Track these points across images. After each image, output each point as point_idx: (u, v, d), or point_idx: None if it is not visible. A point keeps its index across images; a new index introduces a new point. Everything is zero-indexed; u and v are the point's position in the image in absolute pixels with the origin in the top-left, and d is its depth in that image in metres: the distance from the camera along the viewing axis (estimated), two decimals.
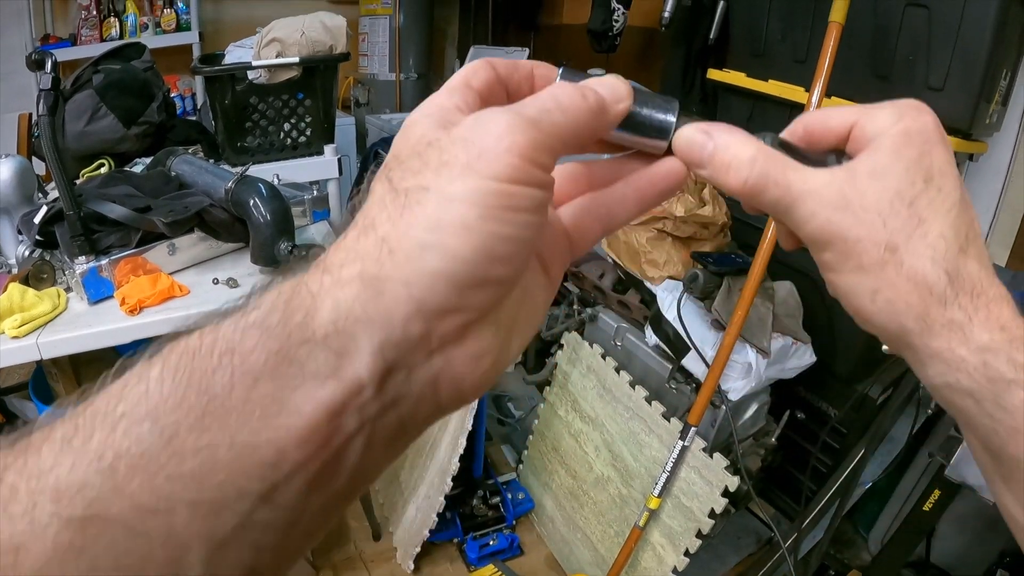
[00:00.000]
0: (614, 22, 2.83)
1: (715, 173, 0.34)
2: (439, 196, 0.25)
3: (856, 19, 1.47)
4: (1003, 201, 1.79)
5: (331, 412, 0.24)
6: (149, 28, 3.59)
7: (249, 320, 0.25)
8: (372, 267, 0.25)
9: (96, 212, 1.38)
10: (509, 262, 0.26)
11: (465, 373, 0.27)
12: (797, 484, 1.88)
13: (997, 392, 0.31)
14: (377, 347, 0.24)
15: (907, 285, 0.33)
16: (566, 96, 0.29)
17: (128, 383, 0.24)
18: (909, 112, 0.34)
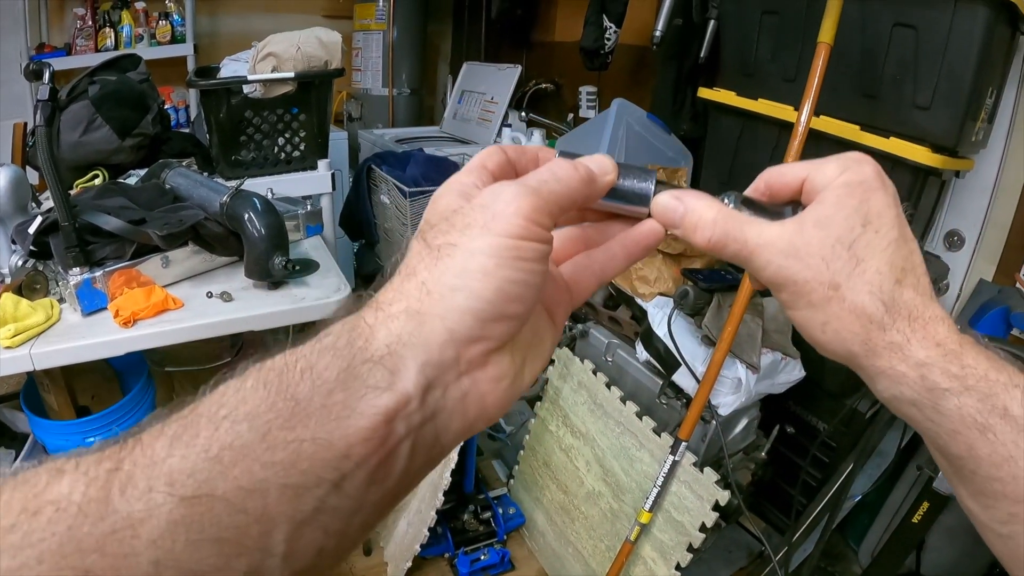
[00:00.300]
0: (606, 40, 2.86)
1: (685, 232, 0.42)
2: (464, 250, 0.32)
3: (844, 39, 1.50)
4: (989, 217, 1.81)
5: (387, 417, 0.30)
6: (144, 39, 3.60)
7: (323, 344, 0.31)
8: (415, 304, 0.32)
9: (91, 223, 1.38)
10: (520, 301, 0.33)
11: (487, 392, 0.34)
12: (787, 498, 1.89)
13: (935, 400, 0.37)
14: (420, 366, 0.31)
15: (850, 316, 0.39)
16: (561, 169, 0.37)
17: (226, 393, 0.29)
18: (851, 165, 0.40)
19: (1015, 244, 1.79)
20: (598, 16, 2.84)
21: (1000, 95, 1.69)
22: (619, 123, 2.14)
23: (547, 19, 3.80)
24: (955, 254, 1.90)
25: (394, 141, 3.22)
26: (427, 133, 3.68)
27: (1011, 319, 1.61)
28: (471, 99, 3.59)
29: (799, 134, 1.42)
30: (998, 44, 1.51)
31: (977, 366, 0.37)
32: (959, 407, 0.36)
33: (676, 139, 2.32)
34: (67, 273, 1.36)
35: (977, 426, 0.36)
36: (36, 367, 1.29)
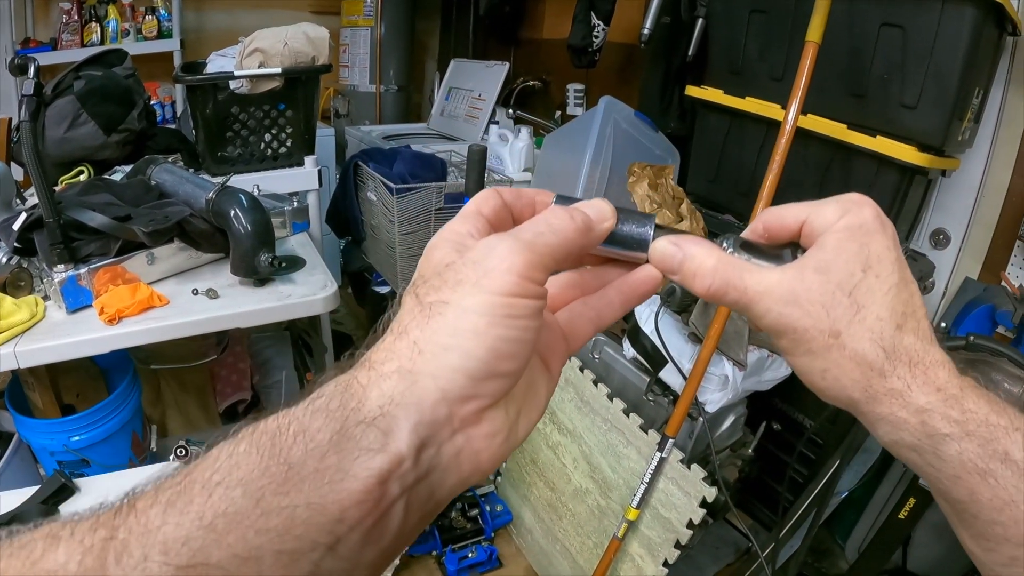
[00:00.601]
0: (594, 38, 2.86)
1: (684, 279, 0.41)
2: (456, 308, 0.32)
3: (832, 38, 1.50)
4: (975, 216, 1.83)
5: (381, 478, 0.29)
6: (130, 34, 3.57)
7: (315, 406, 0.31)
8: (407, 363, 0.32)
9: (76, 220, 1.37)
10: (513, 359, 0.33)
11: (481, 448, 0.34)
12: (774, 494, 1.90)
13: (935, 446, 0.37)
14: (413, 426, 0.31)
15: (850, 364, 0.38)
16: (557, 219, 0.37)
17: (219, 457, 0.29)
18: (851, 207, 0.40)
19: (1000, 243, 1.80)
20: (586, 14, 2.84)
21: (987, 95, 1.71)
22: (607, 121, 2.14)
23: (535, 16, 3.80)
24: (941, 252, 1.91)
25: (381, 138, 3.21)
26: (414, 130, 3.67)
27: (996, 317, 1.63)
28: (459, 96, 3.58)
29: (786, 132, 1.43)
30: (985, 44, 1.52)
31: (978, 410, 0.36)
32: (960, 452, 0.36)
33: (664, 137, 2.32)
34: (52, 270, 1.35)
35: (978, 471, 0.35)
36: (21, 365, 1.28)
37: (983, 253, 1.84)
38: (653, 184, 1.95)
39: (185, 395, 2.21)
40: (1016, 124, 1.74)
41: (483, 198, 0.40)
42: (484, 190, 0.41)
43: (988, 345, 1.19)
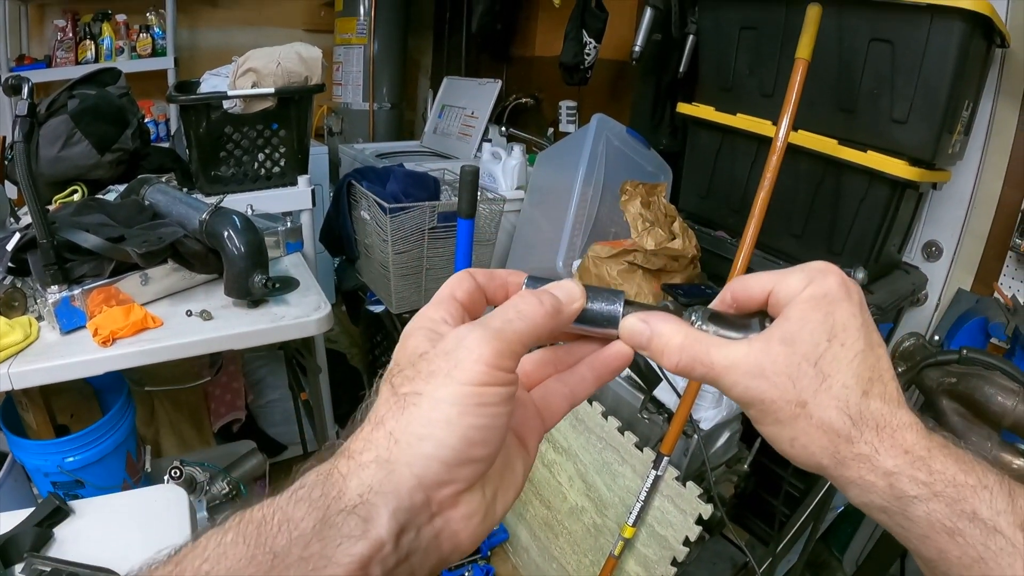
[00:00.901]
0: (586, 55, 2.88)
1: (652, 355, 0.42)
2: (429, 399, 0.34)
3: (822, 55, 1.52)
4: (966, 228, 1.84)
5: (363, 563, 0.31)
6: (125, 52, 3.59)
7: (298, 495, 0.32)
8: (384, 453, 0.33)
9: (69, 241, 1.37)
10: (485, 444, 0.34)
11: (460, 529, 0.36)
12: (771, 509, 1.90)
13: (903, 507, 0.37)
14: (391, 512, 0.32)
15: (817, 432, 0.39)
16: (526, 305, 0.38)
17: (208, 546, 0.31)
18: (816, 276, 0.41)
19: (992, 254, 1.82)
20: (578, 31, 2.86)
21: (976, 107, 1.73)
22: (599, 138, 2.16)
23: (527, 34, 3.82)
24: (933, 265, 1.92)
25: (374, 156, 3.22)
26: (407, 148, 3.68)
27: (989, 329, 1.64)
28: (451, 114, 3.60)
29: (777, 149, 1.44)
30: (973, 57, 1.54)
31: (945, 471, 0.37)
32: (928, 513, 0.36)
33: (655, 154, 2.34)
34: (45, 291, 1.35)
35: (946, 530, 0.36)
36: (14, 386, 1.27)
37: (975, 264, 1.86)
38: (645, 202, 1.96)
39: (179, 415, 2.20)
40: (1006, 135, 1.76)
41: (456, 282, 0.42)
42: (457, 274, 0.43)
43: (981, 358, 1.19)
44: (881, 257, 1.75)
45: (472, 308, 0.42)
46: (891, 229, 1.69)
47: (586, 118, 2.40)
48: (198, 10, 3.97)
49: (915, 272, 1.92)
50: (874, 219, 1.67)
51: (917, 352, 1.31)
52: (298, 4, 4.28)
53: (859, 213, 1.69)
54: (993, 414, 1.14)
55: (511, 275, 0.44)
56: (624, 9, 2.95)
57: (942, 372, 1.21)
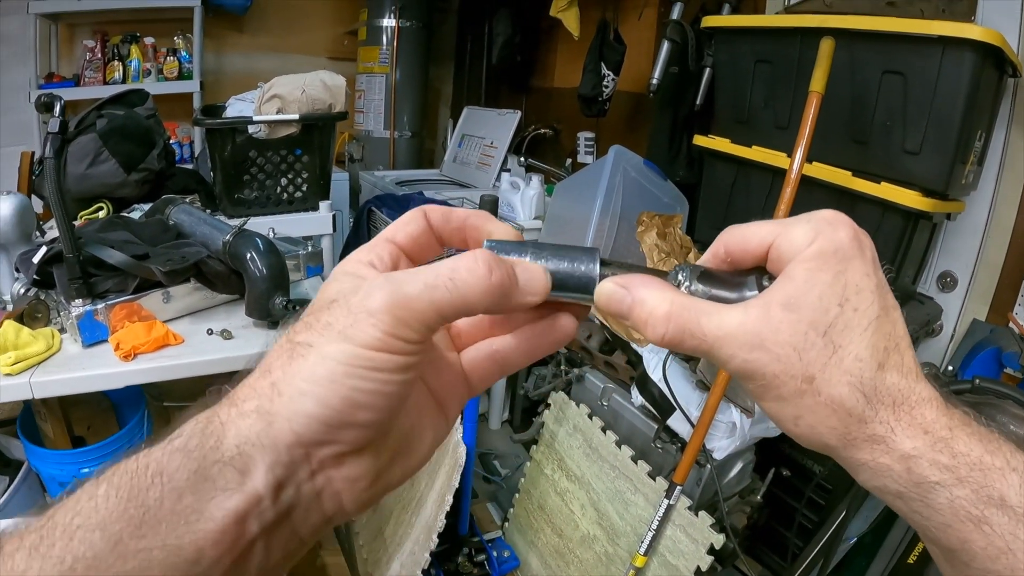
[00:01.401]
0: (604, 87, 2.92)
1: (635, 325, 0.37)
2: (317, 353, 0.31)
3: (835, 87, 1.53)
4: (981, 257, 1.84)
5: (238, 518, 0.30)
6: (152, 74, 3.67)
7: (174, 445, 0.30)
8: (265, 404, 0.31)
9: (95, 256, 1.39)
10: (372, 410, 0.32)
11: (343, 491, 0.34)
12: (783, 541, 1.88)
13: (923, 494, 0.33)
14: (269, 466, 0.31)
15: (826, 410, 0.34)
16: (468, 273, 0.33)
17: (80, 499, 0.29)
18: (824, 229, 0.35)
19: (1007, 283, 1.82)
20: (596, 64, 2.91)
21: (989, 137, 1.74)
22: (616, 169, 2.18)
23: (546, 65, 3.88)
24: (948, 295, 1.92)
25: (394, 183, 3.26)
26: (427, 176, 3.73)
27: (1003, 358, 1.63)
28: (471, 143, 3.64)
29: (792, 181, 1.45)
30: (985, 87, 1.55)
31: (970, 452, 0.33)
32: (951, 500, 0.33)
33: (672, 185, 2.36)
34: (69, 304, 1.37)
35: (972, 519, 0.32)
36: (35, 396, 1.29)
37: (990, 294, 1.85)
38: (661, 233, 1.98)
39: None
40: (1019, 165, 1.77)
41: (403, 222, 0.38)
42: (410, 211, 0.39)
43: (994, 388, 1.19)
44: (895, 287, 1.73)
45: (416, 253, 0.38)
46: (905, 260, 1.70)
47: (604, 149, 2.43)
48: (224, 35, 4.08)
49: (930, 303, 1.92)
50: (888, 250, 1.68)
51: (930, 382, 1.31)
52: (322, 32, 4.38)
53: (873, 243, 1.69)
54: None
55: (472, 216, 0.39)
56: (642, 42, 3.00)
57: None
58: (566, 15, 2.97)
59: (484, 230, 0.39)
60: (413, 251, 0.38)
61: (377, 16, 3.97)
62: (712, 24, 2.04)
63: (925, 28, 1.48)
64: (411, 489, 2.07)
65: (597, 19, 2.99)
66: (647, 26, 3.00)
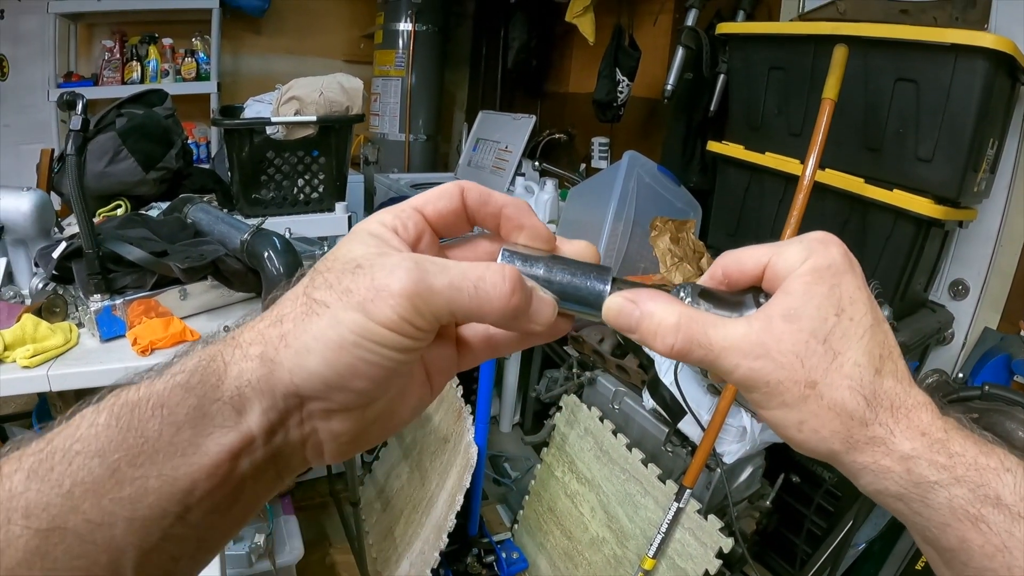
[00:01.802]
0: (619, 93, 2.93)
1: (643, 338, 0.38)
2: (332, 317, 0.32)
3: (848, 94, 1.54)
4: (993, 265, 1.84)
5: (231, 454, 0.32)
6: (169, 75, 3.71)
7: (176, 380, 0.32)
8: (271, 351, 0.32)
9: (114, 252, 1.41)
10: (367, 379, 0.33)
11: (326, 442, 0.35)
12: (792, 547, 1.88)
13: (923, 494, 0.35)
14: (264, 410, 0.32)
15: (829, 414, 0.36)
16: (493, 287, 0.34)
17: (80, 425, 0.30)
18: (816, 247, 0.37)
19: (1019, 291, 1.82)
20: (611, 69, 2.92)
21: (1002, 145, 1.74)
22: (630, 175, 2.19)
23: (561, 70, 3.89)
24: (960, 303, 1.92)
25: (409, 186, 3.28)
26: (442, 179, 3.73)
27: (1012, 366, 1.63)
28: (486, 147, 3.66)
29: (804, 187, 1.46)
30: (998, 96, 1.55)
31: (965, 453, 0.34)
32: (949, 499, 0.34)
33: (685, 191, 2.37)
34: (88, 299, 1.39)
35: (969, 517, 0.34)
36: (52, 388, 1.30)
37: (1002, 303, 1.85)
38: (675, 238, 1.98)
39: None
40: None
41: (436, 195, 0.39)
42: (448, 184, 0.39)
43: (1003, 394, 1.19)
44: (907, 295, 1.75)
45: (443, 229, 0.39)
46: (917, 267, 1.70)
47: (618, 154, 2.44)
48: (242, 37, 4.11)
49: (941, 311, 1.92)
50: (900, 257, 1.68)
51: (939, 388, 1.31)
52: (339, 35, 4.41)
53: (885, 251, 1.70)
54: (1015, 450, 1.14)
55: (511, 207, 0.40)
56: (657, 48, 3.01)
57: (964, 408, 1.21)
58: (581, 21, 2.99)
59: (520, 223, 0.40)
60: (440, 226, 0.39)
61: (393, 20, 3.99)
62: (727, 31, 2.05)
63: (938, 36, 1.49)
64: (422, 489, 2.09)
65: (612, 25, 3.00)
66: (662, 32, 3.02)
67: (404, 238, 0.37)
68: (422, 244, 0.38)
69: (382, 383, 0.34)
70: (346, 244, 0.36)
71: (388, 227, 0.37)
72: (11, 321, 1.33)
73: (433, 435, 2.16)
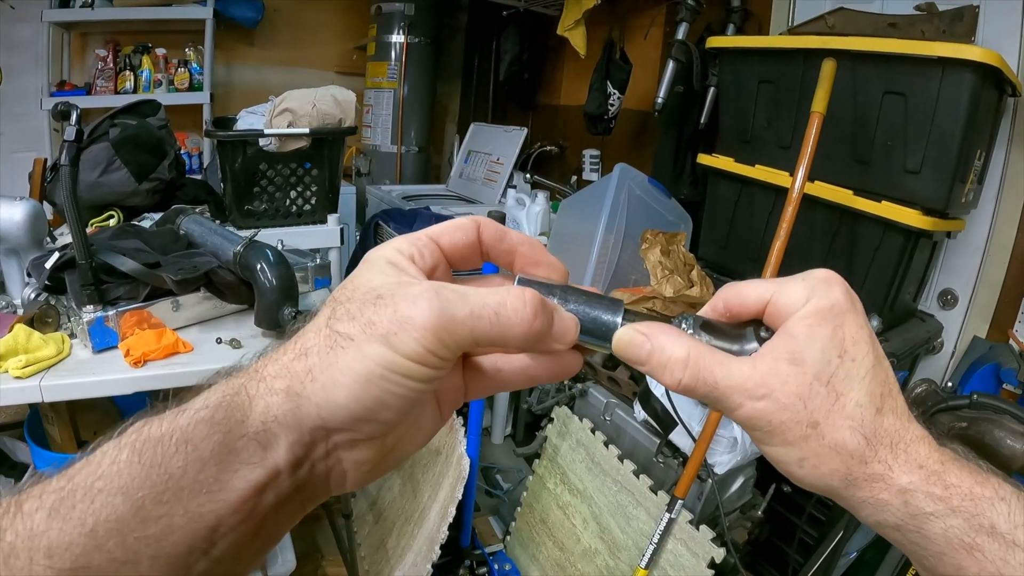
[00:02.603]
0: (610, 106, 2.96)
1: (652, 371, 0.39)
2: (357, 350, 0.32)
3: (837, 107, 1.56)
4: (981, 275, 1.86)
5: (257, 489, 0.32)
6: (163, 85, 3.71)
7: (200, 416, 0.32)
8: (297, 386, 0.33)
9: (107, 263, 1.41)
10: (394, 411, 0.34)
11: (349, 471, 0.36)
12: (784, 557, 1.88)
13: (919, 525, 0.36)
14: (290, 444, 0.33)
15: (829, 453, 0.37)
16: (514, 312, 0.35)
17: (102, 463, 0.30)
18: (819, 287, 0.38)
19: (1008, 300, 1.83)
20: (602, 82, 2.94)
21: (989, 156, 1.76)
22: (621, 187, 2.20)
23: (553, 83, 3.92)
24: (949, 313, 1.93)
25: (401, 198, 3.29)
26: (433, 191, 3.75)
27: (1001, 374, 1.64)
28: (477, 159, 3.67)
29: (794, 200, 1.47)
30: (985, 107, 1.57)
31: (961, 484, 0.35)
32: (945, 530, 0.35)
33: (676, 203, 2.38)
34: (80, 310, 1.39)
35: (964, 546, 0.34)
36: (44, 399, 1.30)
37: (991, 312, 1.87)
38: (665, 250, 1.99)
39: None
40: (1019, 183, 1.79)
41: (452, 227, 0.40)
42: (465, 218, 0.40)
43: (991, 403, 1.20)
44: (896, 305, 1.76)
45: (457, 261, 0.40)
46: (906, 278, 1.71)
47: (609, 167, 2.46)
48: (235, 48, 4.12)
49: (930, 320, 1.93)
50: (889, 268, 1.69)
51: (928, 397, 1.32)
52: (332, 47, 4.42)
53: (874, 262, 1.71)
54: (1003, 458, 1.14)
55: (527, 245, 0.41)
56: (647, 62, 3.03)
57: (953, 417, 1.22)
58: (573, 34, 3.01)
59: (537, 260, 0.41)
60: (454, 258, 0.40)
61: (386, 32, 4.01)
62: (717, 45, 2.07)
63: (926, 49, 1.51)
64: (414, 501, 2.08)
65: (603, 38, 3.03)
66: (653, 46, 3.04)
67: (420, 267, 0.37)
68: (437, 274, 0.39)
69: (406, 412, 0.34)
70: (364, 273, 0.36)
71: (405, 255, 0.37)
72: (3, 331, 1.33)
73: (425, 447, 2.15)
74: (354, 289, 0.35)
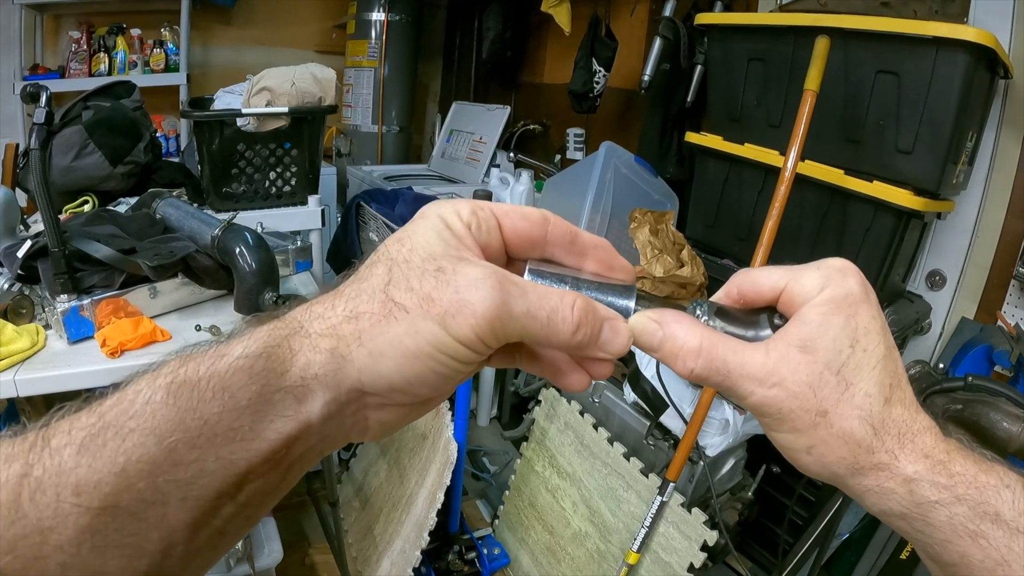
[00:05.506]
0: (595, 84, 2.92)
1: (665, 359, 0.39)
2: (411, 324, 0.33)
3: (829, 86, 1.54)
4: (970, 257, 1.86)
5: (288, 441, 0.32)
6: (138, 66, 3.62)
7: (240, 364, 0.32)
8: (343, 348, 0.33)
9: (80, 250, 1.36)
10: (431, 387, 0.35)
11: (372, 427, 0.37)
12: (774, 537, 1.89)
13: (924, 513, 0.36)
14: (326, 402, 0.33)
15: (837, 442, 0.37)
16: (563, 322, 0.35)
17: (136, 401, 0.30)
18: (834, 276, 0.38)
19: (996, 282, 1.84)
20: (588, 60, 2.90)
21: (980, 138, 1.75)
22: (607, 166, 2.17)
23: (536, 61, 3.87)
24: (937, 293, 1.94)
25: (383, 178, 3.24)
26: (415, 171, 3.71)
27: (993, 356, 1.64)
28: (460, 138, 3.63)
29: (786, 179, 1.45)
30: (978, 89, 1.56)
31: (965, 472, 0.36)
32: (950, 517, 0.35)
33: (663, 182, 2.36)
34: (55, 300, 1.34)
35: (969, 533, 0.35)
36: (20, 394, 1.26)
37: (979, 293, 1.87)
38: (654, 230, 1.97)
39: None
40: (1009, 166, 1.79)
41: (520, 215, 0.39)
42: (533, 209, 0.40)
43: (987, 385, 1.20)
44: (886, 286, 1.76)
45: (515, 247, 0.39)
46: (896, 258, 1.71)
47: (594, 146, 2.43)
48: (211, 28, 4.03)
49: (919, 301, 1.93)
50: (879, 248, 1.68)
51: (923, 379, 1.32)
52: (310, 26, 4.34)
53: (864, 242, 1.70)
54: (999, 440, 1.14)
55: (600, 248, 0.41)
56: (634, 39, 2.99)
57: (948, 399, 1.22)
58: (557, 10, 2.96)
59: (611, 264, 0.41)
60: (512, 244, 0.39)
61: (366, 10, 3.94)
62: (705, 21, 2.04)
63: (920, 29, 1.49)
64: (401, 487, 2.07)
65: (589, 15, 2.98)
66: (639, 22, 3.00)
67: (477, 239, 0.37)
68: (490, 252, 0.38)
69: (441, 390, 0.36)
70: (422, 231, 0.36)
71: (463, 221, 0.37)
72: None
73: (411, 431, 2.13)
74: (411, 250, 0.35)
